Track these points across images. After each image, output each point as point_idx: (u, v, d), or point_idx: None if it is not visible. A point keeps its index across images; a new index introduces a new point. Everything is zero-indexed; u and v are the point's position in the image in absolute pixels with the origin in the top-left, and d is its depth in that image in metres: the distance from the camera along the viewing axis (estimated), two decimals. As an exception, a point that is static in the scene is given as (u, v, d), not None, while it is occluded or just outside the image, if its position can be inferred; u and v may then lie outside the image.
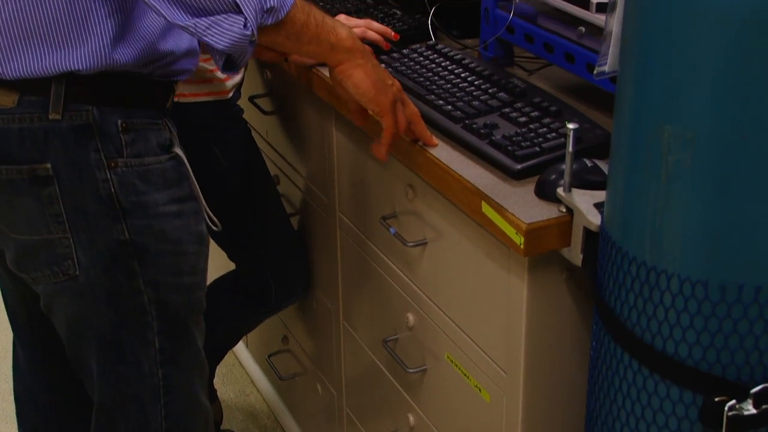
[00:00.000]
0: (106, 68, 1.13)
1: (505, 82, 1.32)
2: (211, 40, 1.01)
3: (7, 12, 1.08)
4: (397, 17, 1.60)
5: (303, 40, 1.12)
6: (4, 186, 1.15)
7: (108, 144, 1.15)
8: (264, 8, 1.04)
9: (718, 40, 0.75)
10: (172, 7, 0.99)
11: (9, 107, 1.12)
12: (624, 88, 0.88)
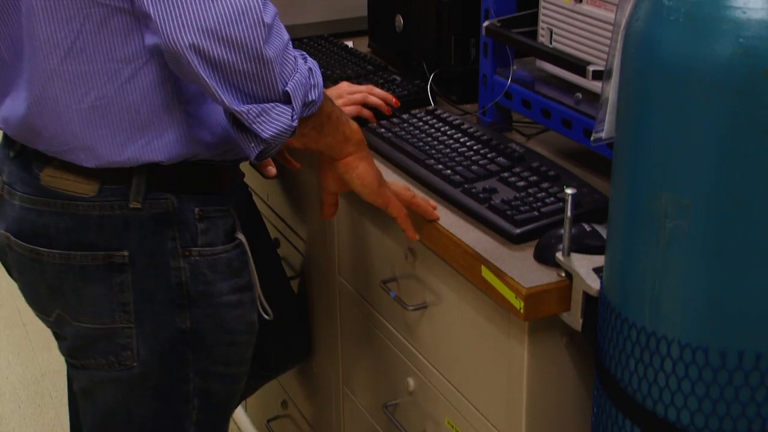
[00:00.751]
0: (185, 157, 1.14)
1: (503, 146, 1.33)
2: (258, 128, 1.02)
3: (88, 101, 1.09)
4: (397, 83, 1.62)
5: (324, 131, 1.13)
6: (75, 272, 1.15)
7: (185, 232, 1.16)
8: (307, 101, 1.05)
9: (712, 110, 0.76)
10: (227, 92, 1.00)
11: (90, 195, 1.13)
12: (621, 154, 0.89)
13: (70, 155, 1.12)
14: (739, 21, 0.74)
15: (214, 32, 0.96)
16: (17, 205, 1.16)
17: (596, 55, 1.23)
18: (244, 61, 0.98)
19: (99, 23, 1.05)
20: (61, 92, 1.08)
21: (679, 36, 0.78)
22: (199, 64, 0.97)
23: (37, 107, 1.10)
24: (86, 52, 1.06)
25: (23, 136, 1.14)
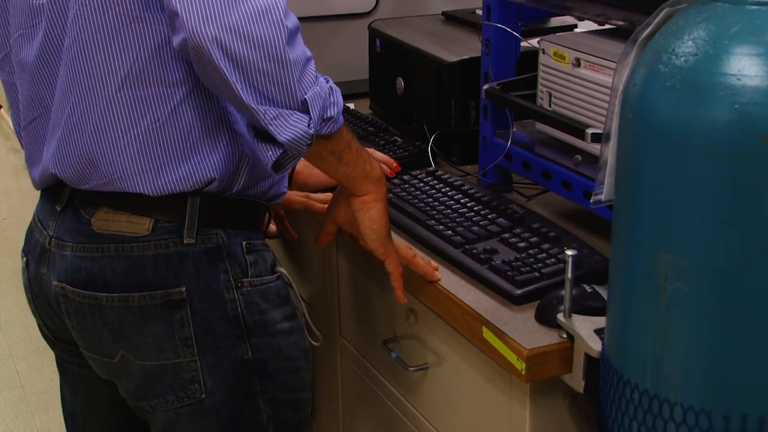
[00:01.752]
0: (234, 174, 1.16)
1: (504, 207, 1.34)
2: (275, 130, 1.04)
3: (144, 125, 1.12)
4: (398, 144, 1.64)
5: (343, 159, 1.15)
6: (135, 313, 1.16)
7: (235, 265, 1.18)
8: (324, 116, 1.07)
9: (709, 174, 0.77)
10: (246, 90, 1.02)
11: (143, 235, 1.15)
12: (620, 216, 0.90)
13: (126, 182, 1.14)
14: (734, 87, 0.75)
15: (236, 28, 0.99)
16: (69, 255, 1.18)
17: (595, 118, 1.25)
18: (265, 60, 1.00)
19: (153, 50, 1.09)
20: (119, 118, 1.11)
21: (675, 101, 0.79)
22: (221, 58, 1.00)
23: (95, 137, 1.13)
24: (141, 77, 1.10)
25: (78, 173, 1.16)
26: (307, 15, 1.93)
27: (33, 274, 1.25)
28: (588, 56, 1.26)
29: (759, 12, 0.76)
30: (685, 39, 0.80)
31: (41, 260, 1.23)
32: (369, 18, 1.95)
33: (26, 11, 1.17)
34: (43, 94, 1.18)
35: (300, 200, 1.44)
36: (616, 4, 1.28)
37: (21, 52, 1.19)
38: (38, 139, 1.21)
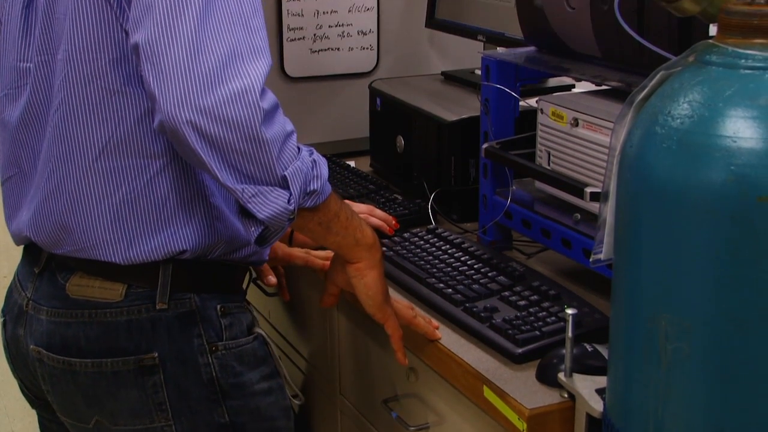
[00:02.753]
0: (208, 247, 1.17)
1: (504, 265, 1.35)
2: (254, 208, 1.04)
3: (119, 196, 1.13)
4: (398, 202, 1.65)
5: (332, 229, 1.15)
6: (109, 378, 1.17)
7: (209, 329, 1.19)
8: (307, 190, 1.08)
9: (707, 235, 0.78)
10: (224, 170, 1.03)
11: (116, 301, 1.16)
12: (619, 276, 0.90)
13: (98, 251, 1.14)
14: (730, 149, 0.76)
15: (211, 111, 1.00)
16: (44, 320, 1.19)
17: (593, 177, 1.26)
18: (241, 141, 1.01)
19: (133, 123, 1.11)
20: (95, 188, 1.13)
21: (672, 163, 0.80)
22: (197, 140, 1.00)
23: (70, 205, 1.14)
24: (119, 149, 1.12)
25: (52, 239, 1.17)
26: (308, 75, 1.96)
27: (10, 335, 1.26)
28: (586, 116, 1.27)
29: (752, 76, 0.78)
30: (681, 101, 0.81)
31: (18, 322, 1.23)
32: (369, 77, 1.98)
33: (13, 72, 1.19)
34: (19, 155, 1.20)
35: (300, 256, 1.44)
36: (613, 66, 1.30)
37: (5, 111, 1.21)
38: (14, 198, 1.23)
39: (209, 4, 1.00)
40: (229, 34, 1.01)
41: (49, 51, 1.13)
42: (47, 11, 1.13)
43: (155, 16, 1.00)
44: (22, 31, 1.16)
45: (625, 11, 1.06)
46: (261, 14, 1.06)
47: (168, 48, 0.99)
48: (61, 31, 1.11)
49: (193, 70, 0.99)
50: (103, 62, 1.09)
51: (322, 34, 1.94)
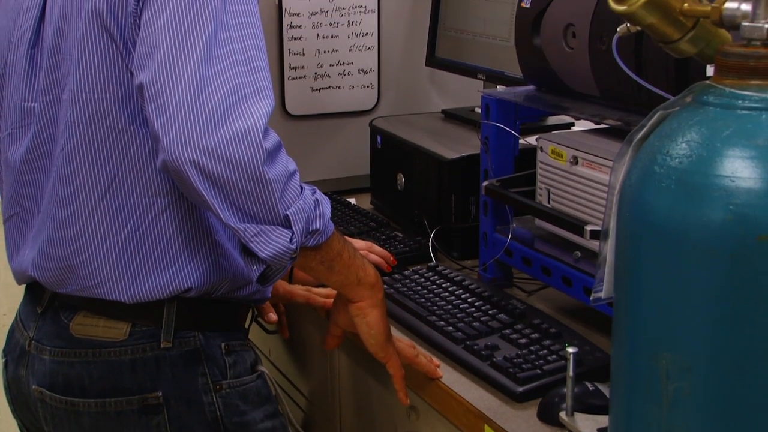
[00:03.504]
0: (213, 285, 1.17)
1: (504, 303, 1.35)
2: (256, 247, 1.05)
3: (124, 233, 1.13)
4: (398, 239, 1.66)
5: (334, 268, 1.15)
6: (112, 418, 1.16)
7: (214, 368, 1.18)
8: (309, 229, 1.08)
9: (707, 274, 0.78)
10: (226, 209, 1.03)
11: (120, 339, 1.15)
12: (620, 315, 0.90)
13: (103, 290, 1.14)
14: (729, 189, 0.76)
15: (214, 151, 1.00)
16: (47, 360, 1.18)
17: (593, 214, 1.27)
18: (244, 181, 1.01)
19: (138, 161, 1.11)
20: (100, 226, 1.13)
21: (671, 202, 0.80)
22: (200, 180, 1.01)
23: (75, 244, 1.14)
24: (124, 187, 1.12)
25: (56, 278, 1.17)
26: (310, 113, 1.97)
27: (12, 376, 1.25)
28: (585, 154, 1.28)
29: (749, 116, 0.78)
30: (679, 141, 0.82)
31: (20, 362, 1.23)
32: (370, 115, 2.00)
33: (17, 112, 1.20)
34: (22, 194, 1.21)
35: (301, 294, 1.44)
36: (612, 104, 1.31)
37: (8, 150, 1.22)
38: (16, 237, 1.23)
39: (213, 45, 1.02)
40: (232, 74, 1.02)
41: (54, 91, 1.14)
42: (53, 51, 1.14)
43: (159, 57, 1.01)
44: (27, 71, 1.17)
45: (623, 51, 1.07)
46: (265, 54, 1.07)
47: (171, 88, 1.00)
48: (67, 71, 1.12)
49: (196, 110, 1.00)
50: (108, 102, 1.10)
51: (323, 72, 1.96)
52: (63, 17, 1.13)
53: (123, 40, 1.07)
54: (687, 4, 0.90)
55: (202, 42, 1.01)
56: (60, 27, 1.13)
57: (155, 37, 1.02)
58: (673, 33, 0.92)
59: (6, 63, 1.22)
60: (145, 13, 1.04)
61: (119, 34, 1.07)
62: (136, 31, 1.06)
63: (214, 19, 1.02)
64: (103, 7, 1.08)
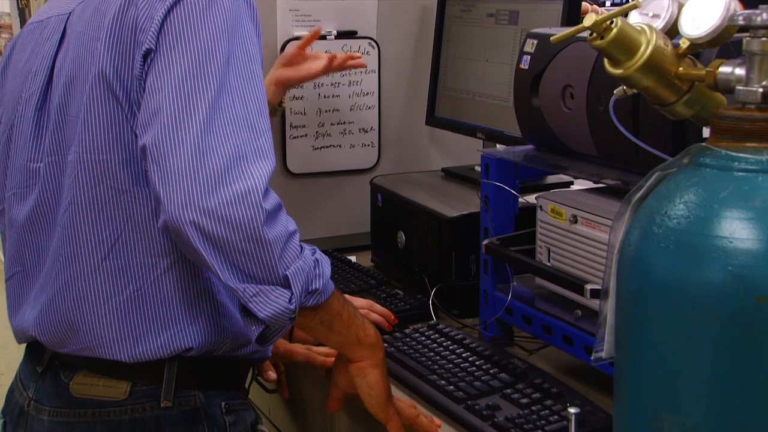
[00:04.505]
0: (214, 344, 1.17)
1: (505, 362, 1.34)
2: (255, 307, 1.05)
3: (126, 294, 1.13)
4: (399, 297, 1.66)
5: (334, 328, 1.15)
6: None
7: (214, 427, 1.18)
8: (309, 289, 1.08)
9: (707, 335, 0.78)
10: (226, 270, 1.04)
11: (121, 399, 1.15)
12: (621, 375, 0.90)
13: (104, 350, 1.14)
14: (727, 250, 0.77)
15: (214, 212, 1.01)
16: (46, 420, 1.18)
17: (594, 273, 1.27)
18: (243, 241, 1.02)
19: (140, 222, 1.12)
20: (102, 287, 1.13)
21: (670, 262, 0.81)
22: (199, 240, 1.01)
23: (77, 304, 1.14)
24: (127, 248, 1.13)
25: (57, 338, 1.17)
26: (311, 171, 1.99)
27: None
28: (585, 213, 1.29)
29: (746, 178, 0.79)
30: (677, 202, 0.83)
31: (19, 422, 1.22)
32: (371, 173, 2.01)
33: (22, 172, 1.21)
34: (24, 254, 1.21)
35: (302, 352, 1.44)
36: (610, 164, 1.33)
37: (12, 210, 1.23)
38: (17, 297, 1.24)
39: (216, 107, 1.03)
40: (234, 136, 1.03)
41: (60, 151, 1.16)
42: (60, 113, 1.16)
43: (163, 119, 1.03)
44: (33, 131, 1.19)
45: (621, 112, 1.09)
46: (266, 116, 1.08)
47: (174, 150, 1.01)
48: (73, 132, 1.13)
49: (198, 172, 1.01)
50: (112, 163, 1.11)
51: (324, 131, 1.98)
52: (70, 80, 1.15)
53: (128, 102, 1.09)
54: (682, 68, 0.92)
55: (205, 105, 1.03)
56: (67, 89, 1.15)
57: (159, 100, 1.04)
58: (669, 96, 0.93)
59: (14, 124, 1.23)
60: (151, 77, 1.06)
61: (125, 97, 1.09)
62: (141, 93, 1.07)
63: (218, 82, 1.04)
64: (109, 70, 1.09)
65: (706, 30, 0.87)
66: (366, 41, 1.97)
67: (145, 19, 1.08)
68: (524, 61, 1.45)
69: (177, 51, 1.05)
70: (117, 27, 1.10)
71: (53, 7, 1.24)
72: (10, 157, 1.24)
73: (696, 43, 0.90)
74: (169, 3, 1.07)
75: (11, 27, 5.89)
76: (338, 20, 1.94)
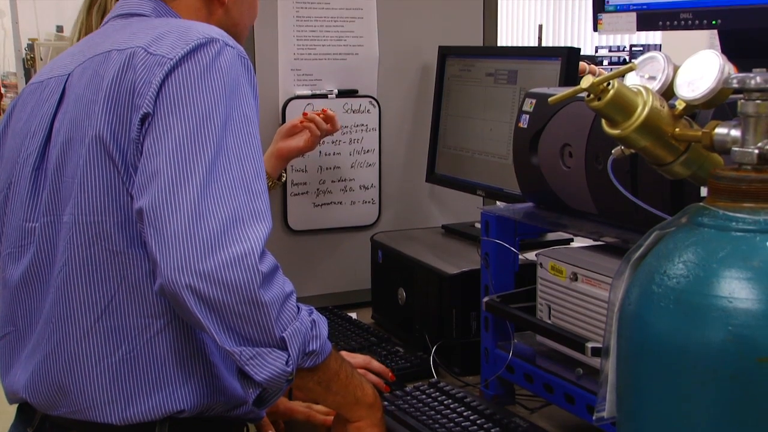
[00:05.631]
0: (207, 406, 1.16)
1: (507, 421, 1.33)
2: (252, 370, 1.05)
3: (118, 355, 1.13)
4: (399, 354, 1.65)
5: (332, 389, 1.15)
6: None
7: None
8: (306, 351, 1.08)
9: (708, 394, 0.78)
10: (222, 333, 1.04)
11: None
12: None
13: (95, 413, 1.13)
14: (727, 309, 0.77)
15: (211, 275, 1.01)
16: None
17: (594, 331, 1.27)
18: (239, 304, 1.02)
19: (134, 283, 1.12)
20: (94, 348, 1.13)
21: (670, 322, 0.81)
22: (196, 304, 1.02)
23: (69, 366, 1.13)
24: (120, 309, 1.12)
25: (48, 401, 1.16)
26: (311, 228, 2.00)
27: None
28: (585, 271, 1.29)
29: (744, 238, 0.80)
30: (676, 261, 0.83)
31: None
32: (371, 230, 2.02)
33: (18, 232, 1.21)
34: (16, 314, 1.21)
35: (302, 411, 1.43)
36: (609, 222, 1.33)
37: (6, 269, 1.22)
38: (7, 357, 1.23)
39: (213, 171, 1.04)
40: (231, 199, 1.04)
41: (55, 212, 1.16)
42: (56, 173, 1.16)
43: (160, 183, 1.03)
44: (30, 191, 1.19)
45: (619, 171, 1.10)
46: (263, 178, 1.09)
47: (171, 214, 1.02)
48: (69, 193, 1.14)
49: (194, 235, 1.01)
50: (108, 224, 1.11)
51: (325, 188, 1.99)
52: (68, 141, 1.16)
53: (125, 165, 1.10)
54: (678, 129, 0.93)
55: (202, 169, 1.04)
56: (64, 150, 1.16)
57: (157, 164, 1.05)
58: (666, 156, 0.95)
59: (11, 183, 1.24)
60: (148, 140, 1.07)
61: (121, 160, 1.10)
62: (138, 156, 1.08)
63: (215, 145, 1.05)
64: (106, 133, 1.10)
65: (702, 92, 0.89)
66: (367, 100, 2.00)
67: (143, 83, 1.09)
68: (523, 120, 1.47)
69: (174, 115, 1.06)
70: (115, 90, 1.11)
71: (54, 68, 1.26)
72: (6, 215, 1.24)
73: (692, 105, 0.92)
74: (167, 68, 1.08)
75: (17, 86, 5.97)
76: (339, 79, 1.97)
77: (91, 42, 1.24)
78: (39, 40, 6.51)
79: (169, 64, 1.08)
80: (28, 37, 6.51)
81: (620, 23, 1.50)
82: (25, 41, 6.23)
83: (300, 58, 1.93)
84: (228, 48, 1.12)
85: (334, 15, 1.95)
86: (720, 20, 1.35)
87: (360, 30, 1.97)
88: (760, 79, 0.82)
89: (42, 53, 6.00)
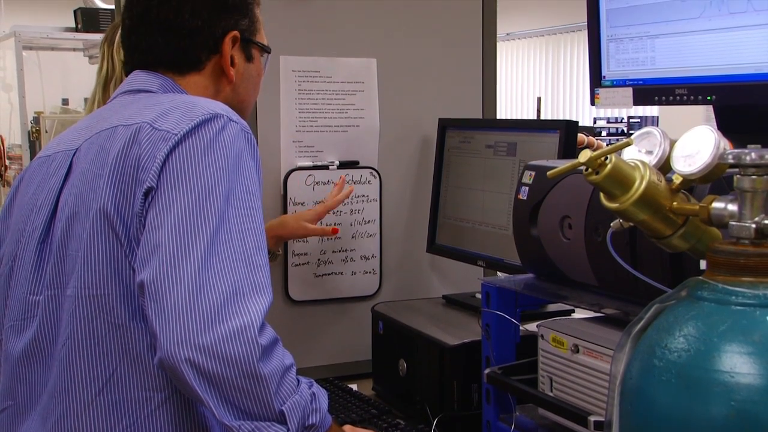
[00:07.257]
0: None
1: (510, 496, 1.31)
2: None
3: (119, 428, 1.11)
4: (401, 427, 1.63)
5: None
6: None
7: None
8: (305, 424, 1.08)
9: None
10: (221, 407, 1.03)
11: None
12: None
13: None
14: (729, 384, 0.77)
15: (210, 349, 1.01)
16: None
17: (597, 404, 1.26)
18: (238, 378, 1.02)
19: (135, 356, 1.12)
20: (95, 422, 1.12)
21: (672, 396, 0.81)
22: (194, 378, 1.01)
23: None
24: (121, 382, 1.12)
25: None
26: (312, 298, 2.00)
27: None
28: (586, 343, 1.29)
29: (744, 312, 0.80)
30: (677, 335, 0.83)
31: None
32: (372, 301, 2.02)
33: (22, 304, 1.21)
34: (16, 388, 1.20)
35: None
36: (609, 294, 1.33)
37: (8, 342, 1.22)
38: (7, 429, 1.21)
39: (214, 244, 1.05)
40: (231, 272, 1.04)
41: (59, 285, 1.16)
42: (61, 247, 1.17)
43: (161, 256, 1.04)
44: (34, 264, 1.20)
45: (618, 243, 1.11)
46: (265, 252, 1.10)
47: (171, 287, 1.02)
48: (73, 266, 1.14)
49: (194, 309, 1.01)
50: (110, 298, 1.12)
51: (326, 258, 2.00)
52: (72, 215, 1.17)
53: (127, 238, 1.11)
54: (676, 203, 0.94)
55: (203, 242, 1.04)
56: (69, 224, 1.17)
57: (159, 237, 1.05)
58: (665, 229, 0.95)
59: (17, 255, 1.25)
60: (151, 214, 1.08)
61: (124, 233, 1.11)
62: (141, 230, 1.09)
63: (217, 219, 1.06)
64: (110, 207, 1.12)
65: (698, 167, 0.90)
66: (367, 171, 2.02)
67: (147, 158, 1.11)
68: (523, 192, 1.48)
69: (177, 189, 1.07)
70: (120, 165, 1.13)
71: (61, 143, 1.28)
72: (11, 288, 1.24)
73: (688, 179, 0.93)
74: (172, 143, 1.10)
75: (21, 158, 6.03)
76: (340, 151, 1.99)
77: (98, 117, 1.26)
78: (44, 113, 6.60)
79: (174, 140, 1.10)
80: (34, 110, 6.61)
81: (617, 98, 1.53)
82: (31, 114, 6.31)
83: (302, 130, 1.96)
84: (232, 123, 1.13)
85: (335, 88, 1.98)
86: (715, 96, 1.37)
87: (361, 102, 2.00)
88: (755, 155, 0.84)
89: (47, 126, 6.08)
